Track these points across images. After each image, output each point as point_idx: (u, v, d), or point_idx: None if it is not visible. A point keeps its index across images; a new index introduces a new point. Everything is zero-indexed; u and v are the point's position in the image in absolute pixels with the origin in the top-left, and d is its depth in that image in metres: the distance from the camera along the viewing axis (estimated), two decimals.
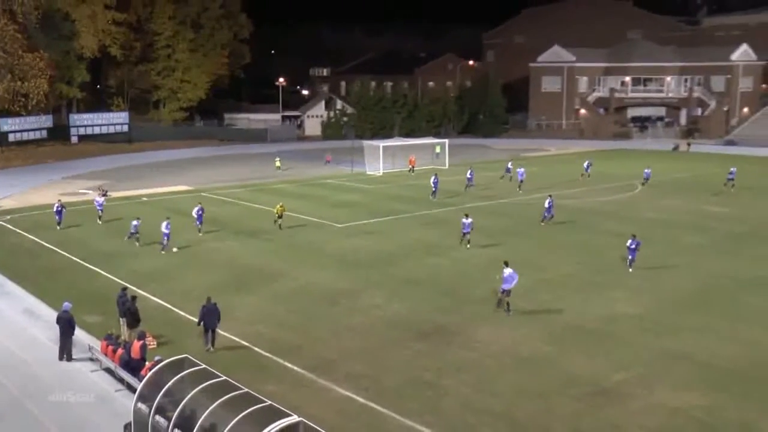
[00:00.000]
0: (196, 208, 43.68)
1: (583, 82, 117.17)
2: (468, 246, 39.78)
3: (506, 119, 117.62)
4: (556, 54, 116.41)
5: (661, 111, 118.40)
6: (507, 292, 29.25)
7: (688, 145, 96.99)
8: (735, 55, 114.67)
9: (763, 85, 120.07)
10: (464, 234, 40.15)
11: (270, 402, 16.19)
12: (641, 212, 51.66)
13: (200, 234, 42.63)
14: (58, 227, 44.64)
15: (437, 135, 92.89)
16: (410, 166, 71.94)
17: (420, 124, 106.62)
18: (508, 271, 29.16)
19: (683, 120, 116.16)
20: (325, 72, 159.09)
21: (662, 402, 21.83)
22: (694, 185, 63.78)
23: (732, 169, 60.78)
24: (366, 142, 76.71)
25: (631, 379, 23.36)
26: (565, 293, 32.27)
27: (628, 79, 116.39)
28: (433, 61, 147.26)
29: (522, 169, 61.55)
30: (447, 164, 75.03)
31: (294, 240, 42.63)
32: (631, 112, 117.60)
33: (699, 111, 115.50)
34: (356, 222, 47.51)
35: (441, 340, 26.54)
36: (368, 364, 24.36)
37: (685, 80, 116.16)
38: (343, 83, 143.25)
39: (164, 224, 38.74)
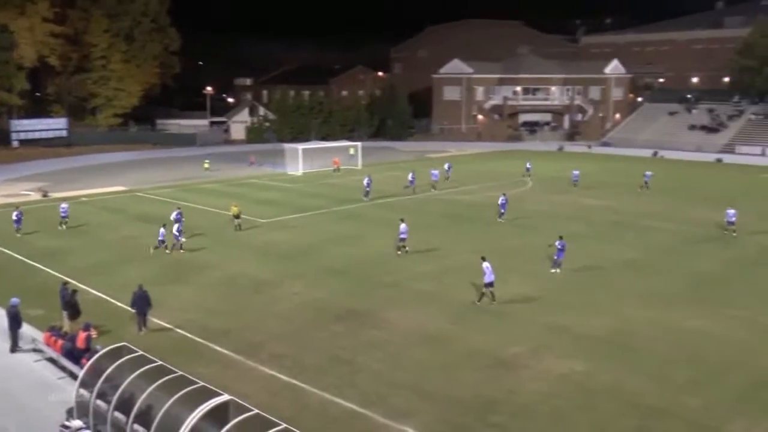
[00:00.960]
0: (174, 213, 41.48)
1: (480, 92, 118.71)
2: (406, 251, 36.63)
3: (412, 124, 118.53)
4: (456, 66, 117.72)
5: (548, 116, 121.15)
6: (489, 284, 28.65)
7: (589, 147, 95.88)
8: (608, 69, 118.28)
9: (631, 95, 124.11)
10: (401, 239, 36.61)
11: (202, 383, 16.02)
12: (531, 205, 52.78)
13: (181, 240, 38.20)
14: (17, 234, 41.06)
15: (351, 138, 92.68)
16: (335, 167, 71.84)
17: (335, 128, 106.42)
18: (486, 264, 28.69)
19: (566, 124, 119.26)
20: (248, 81, 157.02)
21: (550, 369, 22.47)
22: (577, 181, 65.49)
23: (647, 172, 58.74)
24: (287, 145, 76.10)
25: (524, 352, 23.93)
26: (465, 277, 32.73)
27: (519, 88, 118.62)
28: (346, 72, 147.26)
29: (436, 171, 61.16)
30: (360, 165, 75.16)
31: (222, 235, 42.06)
32: (522, 118, 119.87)
33: (579, 116, 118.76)
34: (279, 218, 47.17)
35: (355, 322, 26.67)
36: (290, 345, 24.30)
37: (568, 90, 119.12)
38: (265, 92, 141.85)
39: (167, 234, 37.08)
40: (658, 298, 29.94)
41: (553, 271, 33.42)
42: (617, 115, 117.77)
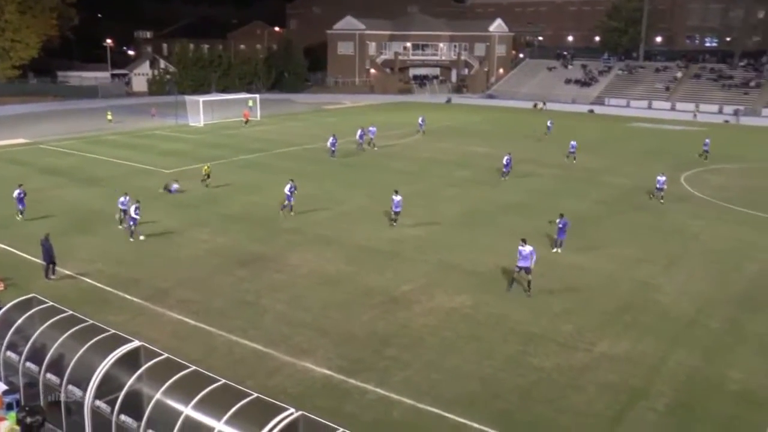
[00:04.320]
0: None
1: (372, 47, 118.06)
2: (394, 224, 32.14)
3: (308, 77, 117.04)
4: (349, 23, 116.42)
5: (437, 71, 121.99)
6: (527, 270, 23.81)
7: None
8: (492, 27, 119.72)
9: (513, 52, 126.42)
10: (395, 212, 32.01)
11: (113, 331, 15.61)
12: (420, 153, 53.39)
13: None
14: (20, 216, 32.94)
15: (249, 91, 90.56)
16: (245, 119, 69.83)
17: (234, 81, 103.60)
18: (527, 249, 23.77)
19: (454, 78, 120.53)
20: (148, 35, 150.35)
21: (440, 304, 23.06)
22: (462, 131, 66.55)
23: (573, 143, 50.73)
24: (188, 98, 73.56)
25: (416, 288, 24.44)
26: (360, 221, 33.01)
27: (409, 44, 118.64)
28: (244, 27, 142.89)
29: (373, 128, 56.64)
30: (259, 116, 73.79)
31: (129, 185, 40.43)
32: (413, 72, 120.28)
33: (466, 71, 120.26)
34: (182, 168, 45.85)
35: (259, 266, 26.50)
36: (197, 291, 23.96)
37: (455, 46, 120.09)
38: (165, 45, 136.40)
39: (130, 204, 30.73)
40: (537, 237, 31.00)
41: (555, 250, 28.82)
42: (501, 70, 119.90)
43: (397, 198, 31.77)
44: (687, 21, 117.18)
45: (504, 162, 43.81)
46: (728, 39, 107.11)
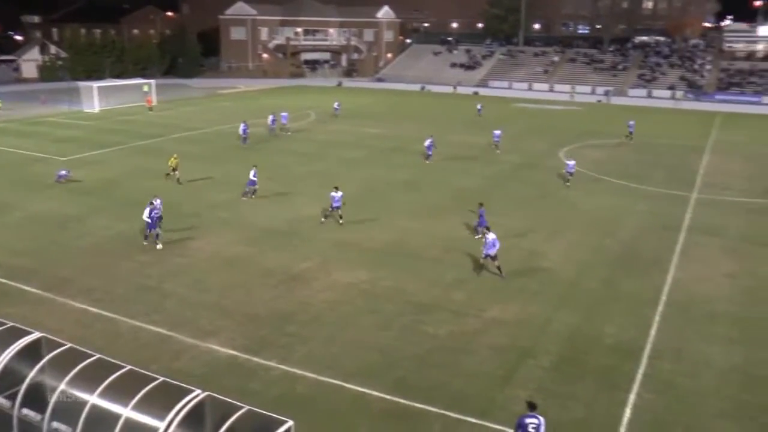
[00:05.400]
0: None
1: (264, 32, 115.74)
2: (341, 222, 29.46)
3: (202, 62, 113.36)
4: (241, 8, 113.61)
5: (327, 55, 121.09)
6: (494, 257, 23.45)
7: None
8: (380, 14, 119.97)
9: (401, 37, 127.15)
10: (334, 208, 29.35)
11: (11, 323, 14.76)
12: (317, 135, 53.09)
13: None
14: None
15: (144, 76, 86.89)
16: (149, 105, 66.58)
17: (128, 66, 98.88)
18: (491, 236, 23.48)
19: (344, 62, 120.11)
20: (36, 19, 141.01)
21: (338, 280, 23.13)
22: (355, 113, 66.52)
23: (496, 132, 47.97)
24: (81, 83, 69.83)
25: (314, 266, 24.39)
26: (259, 203, 32.55)
27: (300, 30, 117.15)
28: (137, 11, 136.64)
29: (285, 114, 55.15)
30: (155, 101, 70.99)
31: (22, 174, 38.30)
32: (304, 56, 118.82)
33: (356, 56, 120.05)
34: (79, 155, 43.61)
35: (161, 251, 25.66)
36: (99, 278, 22.97)
37: (345, 32, 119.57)
38: (55, 30, 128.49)
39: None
40: (429, 211, 31.64)
41: (477, 237, 27.48)
42: (389, 55, 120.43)
43: (338, 194, 29.15)
44: (562, 9, 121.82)
45: (426, 144, 43.05)
46: (598, 27, 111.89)
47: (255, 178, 33.10)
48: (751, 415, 15.69)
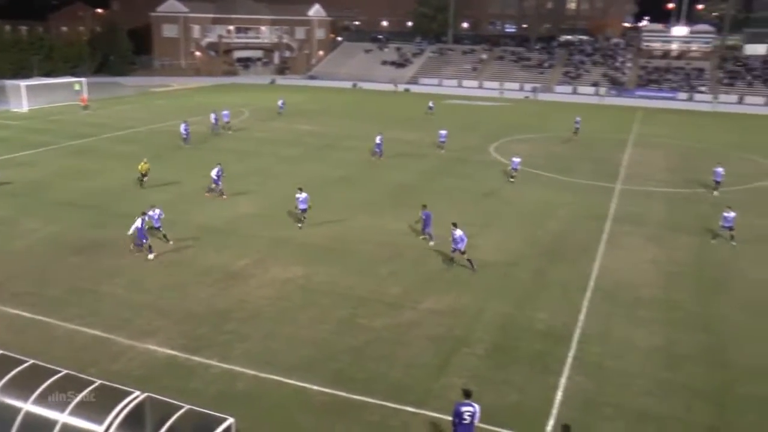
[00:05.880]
0: None
1: (196, 30, 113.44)
2: (300, 225, 28.49)
3: (134, 60, 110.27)
4: (173, 6, 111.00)
5: (260, 53, 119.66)
6: (462, 251, 23.70)
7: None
8: (311, 12, 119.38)
9: (332, 35, 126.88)
10: (301, 210, 28.39)
11: None
12: (253, 133, 52.46)
13: None
14: None
15: (74, 74, 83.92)
16: (83, 104, 63.95)
17: (58, 64, 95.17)
18: (458, 232, 23.57)
19: (276, 60, 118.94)
20: None
21: (275, 276, 22.98)
22: (288, 111, 65.90)
23: (442, 132, 46.58)
24: (8, 82, 66.94)
25: (251, 263, 24.16)
26: (198, 202, 32.01)
27: (232, 28, 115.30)
28: (65, 8, 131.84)
29: (227, 112, 53.23)
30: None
31: None
32: (237, 54, 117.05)
33: (288, 53, 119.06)
34: (7, 156, 41.85)
35: (95, 252, 24.95)
36: (32, 282, 22.14)
37: (276, 30, 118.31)
38: None
39: None
40: (364, 207, 31.71)
41: (431, 243, 26.50)
42: (321, 52, 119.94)
43: (302, 196, 28.18)
44: (489, 9, 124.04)
45: (376, 142, 42.69)
46: (524, 26, 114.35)
47: (217, 176, 32.66)
48: (673, 392, 16.41)
